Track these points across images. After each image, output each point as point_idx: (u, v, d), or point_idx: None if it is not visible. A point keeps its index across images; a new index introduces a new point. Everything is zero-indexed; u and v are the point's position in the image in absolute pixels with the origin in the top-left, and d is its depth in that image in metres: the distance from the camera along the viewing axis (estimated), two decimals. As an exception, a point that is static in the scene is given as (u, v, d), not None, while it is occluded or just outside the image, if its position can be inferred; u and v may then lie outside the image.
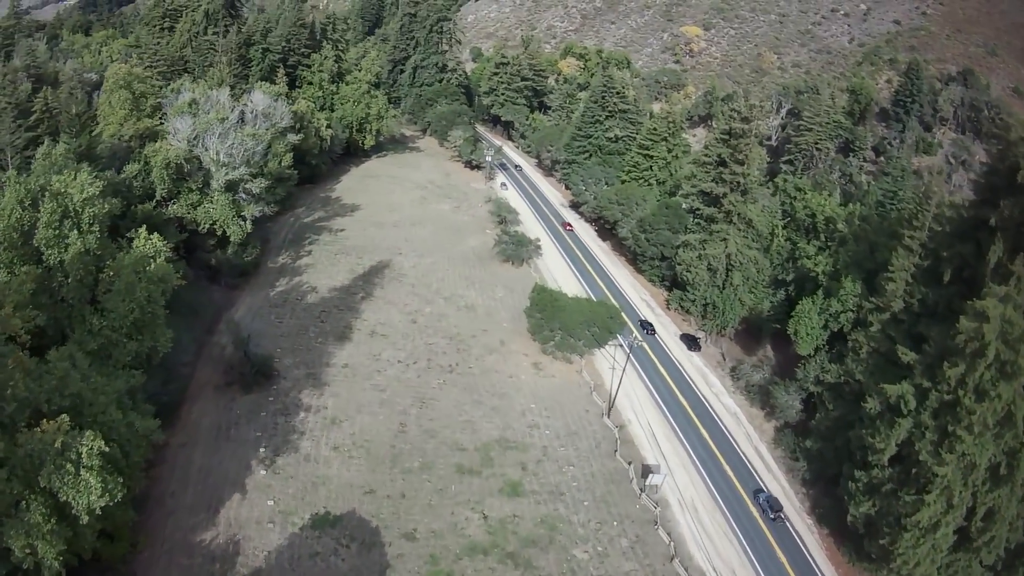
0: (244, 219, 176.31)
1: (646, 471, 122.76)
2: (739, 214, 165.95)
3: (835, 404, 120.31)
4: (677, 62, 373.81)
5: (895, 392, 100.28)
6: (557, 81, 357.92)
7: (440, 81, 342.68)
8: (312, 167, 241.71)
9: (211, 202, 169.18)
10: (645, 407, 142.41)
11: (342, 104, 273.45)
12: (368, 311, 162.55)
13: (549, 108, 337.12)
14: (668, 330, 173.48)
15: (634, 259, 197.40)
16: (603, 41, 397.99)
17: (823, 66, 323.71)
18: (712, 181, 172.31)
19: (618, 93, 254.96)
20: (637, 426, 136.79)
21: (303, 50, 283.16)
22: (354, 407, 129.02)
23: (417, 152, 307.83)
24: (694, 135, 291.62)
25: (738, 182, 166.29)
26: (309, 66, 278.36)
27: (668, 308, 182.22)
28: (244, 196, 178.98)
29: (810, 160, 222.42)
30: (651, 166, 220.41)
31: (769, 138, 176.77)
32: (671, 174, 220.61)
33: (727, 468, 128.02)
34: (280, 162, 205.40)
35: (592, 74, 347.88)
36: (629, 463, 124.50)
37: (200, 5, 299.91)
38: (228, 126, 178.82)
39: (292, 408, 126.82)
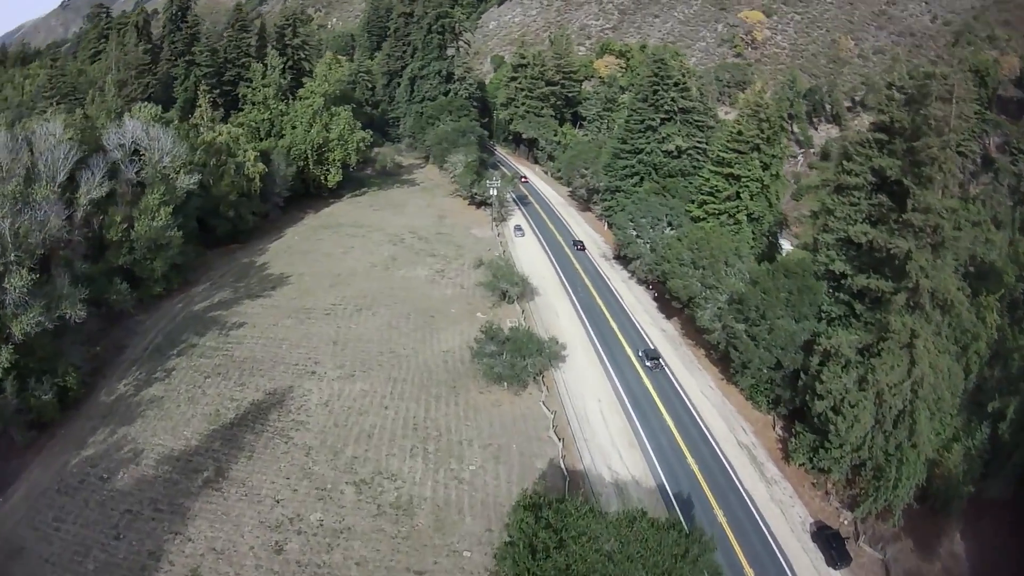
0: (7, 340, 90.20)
1: None
2: (932, 291, 79.11)
3: None
4: (739, 55, 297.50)
5: None
6: (593, 86, 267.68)
7: (446, 94, 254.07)
8: (231, 221, 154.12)
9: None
10: None
11: (291, 129, 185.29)
12: (202, 517, 78.26)
13: (584, 120, 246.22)
14: (789, 514, 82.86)
15: (724, 357, 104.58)
16: (647, 38, 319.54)
17: (910, 51, 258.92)
18: (867, 222, 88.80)
19: (676, 84, 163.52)
20: None
21: (244, 60, 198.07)
22: None
23: (410, 187, 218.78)
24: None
25: (935, 225, 79.08)
26: (251, 81, 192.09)
27: (788, 462, 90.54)
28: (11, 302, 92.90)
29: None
30: (738, 192, 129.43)
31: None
32: (771, 204, 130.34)
33: None
34: (153, 221, 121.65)
35: (636, 72, 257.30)
36: None
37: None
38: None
39: None
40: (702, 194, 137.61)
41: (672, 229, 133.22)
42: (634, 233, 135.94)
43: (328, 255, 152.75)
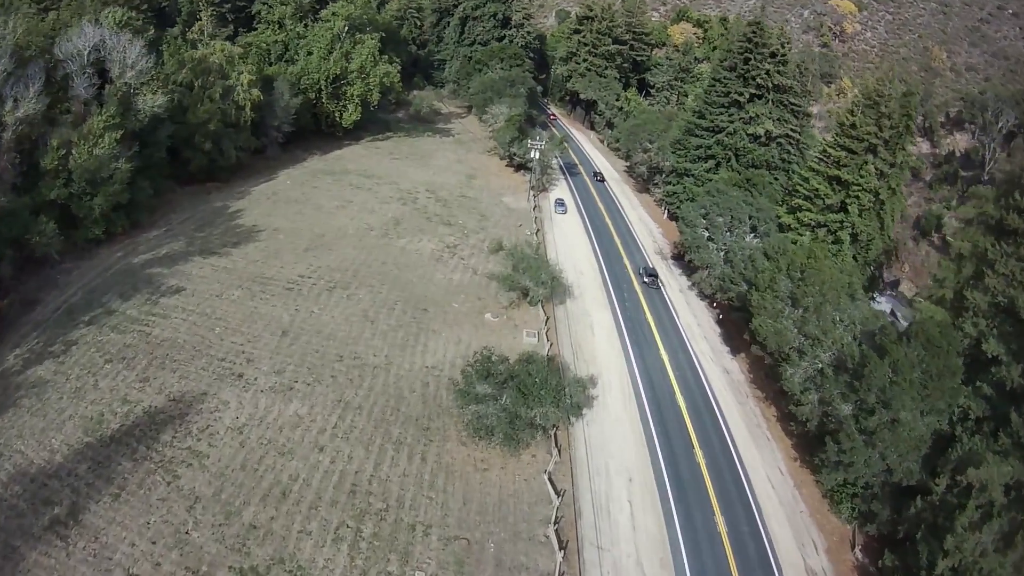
0: None
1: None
2: None
3: None
4: (824, 46, 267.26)
5: None
6: (666, 53, 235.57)
7: (500, 39, 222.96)
8: (207, 155, 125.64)
9: None
10: None
11: (306, 56, 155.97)
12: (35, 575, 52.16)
13: (652, 88, 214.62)
14: None
15: (818, 441, 73.19)
16: (726, 12, 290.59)
17: (1004, 74, 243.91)
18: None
19: (773, 55, 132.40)
20: None
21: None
22: None
23: (442, 137, 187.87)
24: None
25: None
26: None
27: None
28: None
29: None
30: (844, 202, 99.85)
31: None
32: (882, 225, 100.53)
33: None
34: (95, 148, 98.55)
35: (713, 44, 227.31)
36: None
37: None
38: None
39: None
40: (797, 197, 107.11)
41: (757, 237, 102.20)
42: (706, 234, 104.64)
43: (318, 208, 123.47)
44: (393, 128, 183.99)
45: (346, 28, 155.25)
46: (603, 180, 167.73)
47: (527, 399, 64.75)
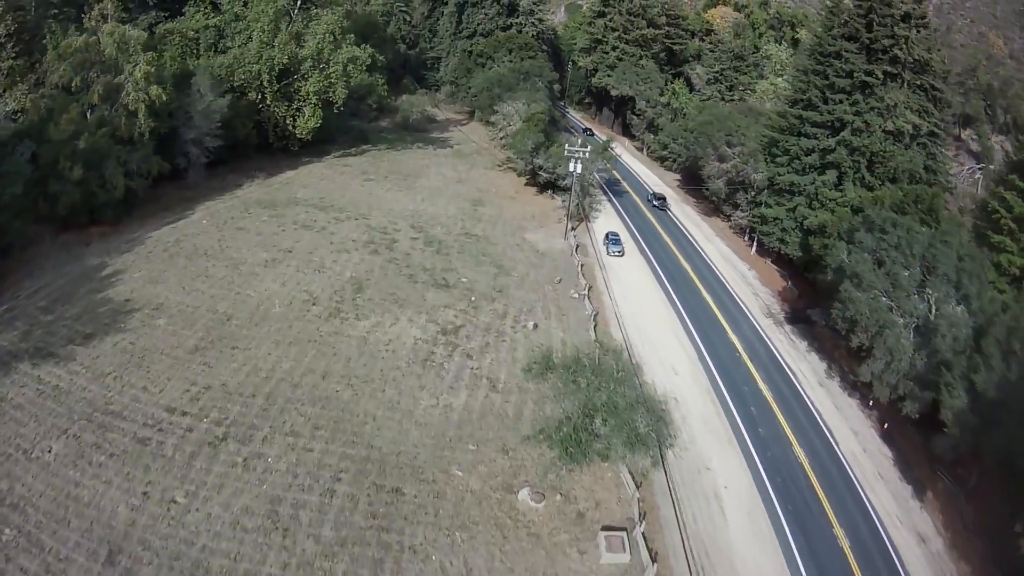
0: None
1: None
2: None
3: None
4: None
5: None
6: (709, 41, 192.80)
7: (505, 29, 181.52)
8: (81, 186, 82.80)
9: None
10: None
11: (245, 43, 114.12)
12: None
13: (700, 81, 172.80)
14: None
15: None
16: None
17: None
18: None
19: (905, 17, 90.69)
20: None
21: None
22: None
23: (437, 149, 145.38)
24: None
25: None
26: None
27: None
28: None
29: None
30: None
31: None
32: None
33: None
34: None
35: (759, 31, 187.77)
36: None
37: None
38: None
39: None
40: (997, 232, 65.40)
41: (958, 303, 58.77)
42: (886, 301, 61.21)
43: (234, 266, 79.87)
44: (372, 139, 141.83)
45: (297, 1, 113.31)
46: (664, 206, 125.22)
47: None
